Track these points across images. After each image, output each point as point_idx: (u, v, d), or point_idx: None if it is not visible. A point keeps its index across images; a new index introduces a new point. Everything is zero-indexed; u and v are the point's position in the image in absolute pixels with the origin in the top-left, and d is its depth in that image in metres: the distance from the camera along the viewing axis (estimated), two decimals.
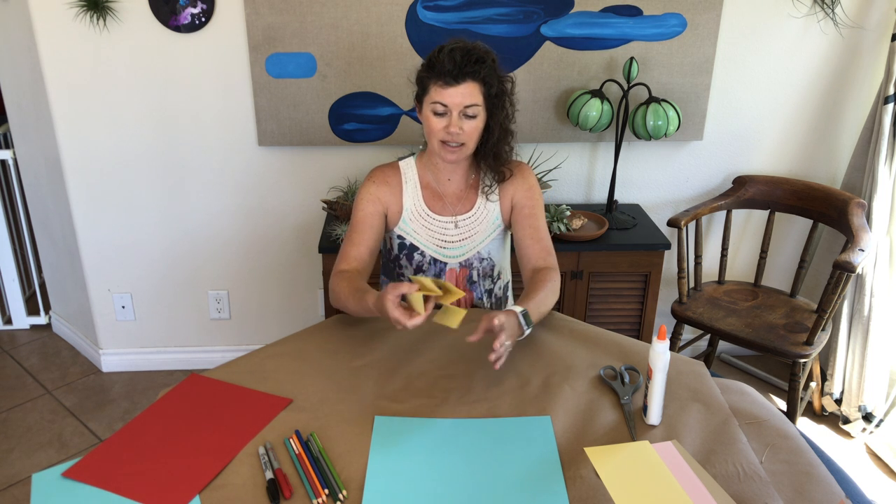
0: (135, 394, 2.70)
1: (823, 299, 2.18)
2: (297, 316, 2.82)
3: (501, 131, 1.68)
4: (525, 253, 1.72)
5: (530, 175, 1.78)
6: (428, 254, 1.77)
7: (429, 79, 1.60)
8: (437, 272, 1.79)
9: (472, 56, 1.57)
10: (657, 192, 2.67)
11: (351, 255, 1.67)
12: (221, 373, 1.48)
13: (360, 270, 1.65)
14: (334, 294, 1.63)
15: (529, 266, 1.71)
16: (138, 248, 2.66)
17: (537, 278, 1.64)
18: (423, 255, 1.77)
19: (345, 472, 1.21)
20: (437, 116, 1.61)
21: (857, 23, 2.43)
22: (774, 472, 1.23)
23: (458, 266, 1.79)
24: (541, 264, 1.69)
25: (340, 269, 1.65)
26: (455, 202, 1.77)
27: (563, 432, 1.31)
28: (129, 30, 2.34)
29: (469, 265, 1.79)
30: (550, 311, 1.74)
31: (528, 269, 1.71)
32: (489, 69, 1.59)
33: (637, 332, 2.47)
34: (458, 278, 1.80)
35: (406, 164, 1.77)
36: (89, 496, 1.16)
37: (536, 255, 1.71)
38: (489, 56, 1.60)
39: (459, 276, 1.80)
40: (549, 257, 1.71)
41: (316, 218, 2.65)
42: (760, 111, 2.56)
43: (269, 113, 2.43)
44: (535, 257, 1.71)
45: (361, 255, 1.68)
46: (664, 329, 1.30)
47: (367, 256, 1.69)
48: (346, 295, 1.57)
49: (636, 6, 2.35)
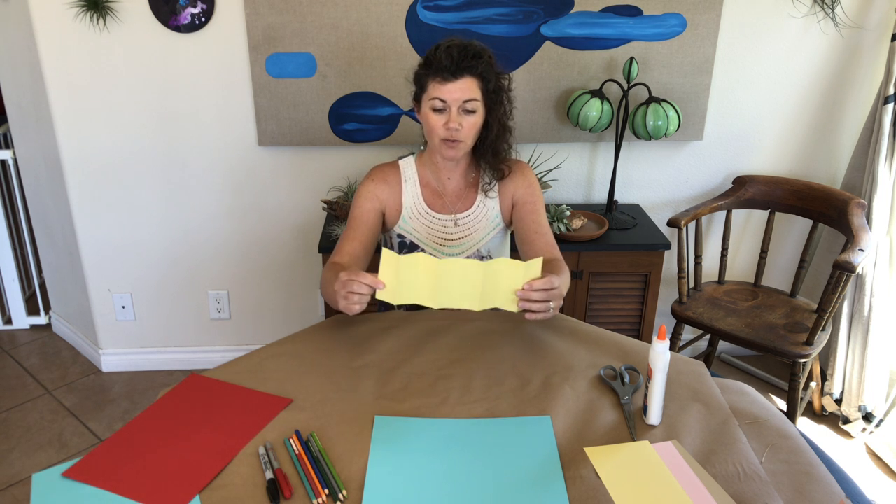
0: (135, 394, 2.70)
1: (823, 299, 2.18)
2: (297, 316, 2.82)
3: (500, 127, 1.69)
4: (530, 248, 1.72)
5: (530, 172, 1.78)
6: (428, 252, 1.77)
7: (427, 76, 1.61)
8: None
9: (470, 52, 1.58)
10: (657, 192, 2.67)
11: (344, 250, 1.68)
12: (221, 373, 1.48)
13: (351, 265, 1.66)
14: (322, 284, 1.65)
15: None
16: (138, 248, 2.66)
17: (551, 267, 1.63)
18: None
19: (345, 472, 1.21)
20: (436, 113, 1.62)
21: (857, 23, 2.43)
22: (774, 472, 1.23)
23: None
24: (548, 257, 1.69)
25: (333, 261, 1.67)
26: (455, 200, 1.77)
27: (563, 432, 1.31)
28: (129, 30, 2.34)
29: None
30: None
31: None
32: (486, 65, 1.61)
33: (637, 332, 2.47)
34: None
35: (406, 162, 1.78)
36: (89, 496, 1.16)
37: (542, 249, 1.71)
38: (486, 52, 1.62)
39: None
40: (554, 250, 1.71)
41: (316, 218, 2.65)
42: (760, 111, 2.56)
43: (269, 113, 2.43)
44: (540, 251, 1.71)
45: (355, 249, 1.69)
46: (664, 329, 1.30)
47: (361, 252, 1.70)
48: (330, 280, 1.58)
49: (636, 6, 2.35)
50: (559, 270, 1.60)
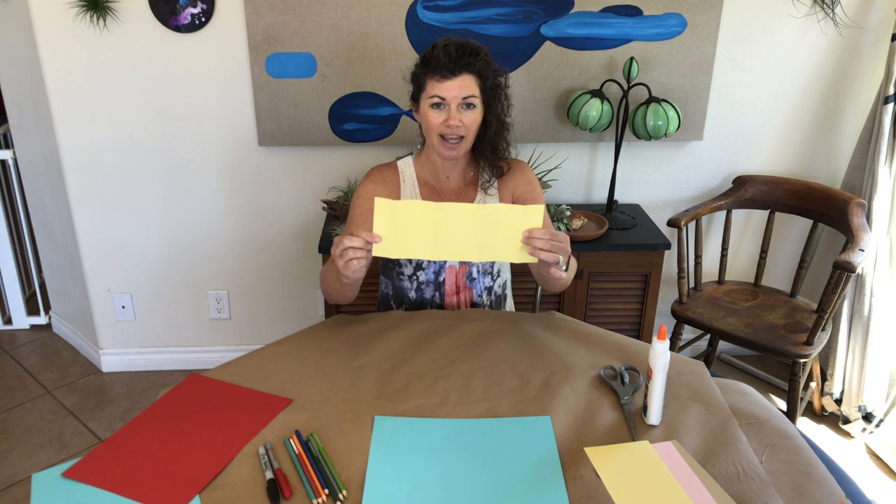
0: (135, 394, 2.70)
1: (823, 299, 2.18)
2: (297, 316, 2.82)
3: (498, 124, 1.70)
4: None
5: (529, 171, 1.79)
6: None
7: (425, 74, 1.62)
8: (436, 269, 1.79)
9: (467, 49, 1.60)
10: (657, 192, 2.67)
11: None
12: (221, 373, 1.48)
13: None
14: (323, 279, 1.66)
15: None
16: (138, 248, 2.66)
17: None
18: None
19: (345, 472, 1.21)
20: (435, 110, 1.62)
21: (857, 23, 2.43)
22: (774, 472, 1.23)
23: (457, 263, 1.79)
24: None
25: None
26: (453, 199, 1.77)
27: (563, 432, 1.31)
28: (129, 30, 2.34)
29: (469, 262, 1.80)
30: (550, 312, 1.74)
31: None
32: (483, 62, 1.62)
33: (637, 332, 2.47)
34: (458, 275, 1.80)
35: (404, 163, 1.78)
36: (89, 496, 1.16)
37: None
38: (482, 50, 1.63)
39: (459, 272, 1.80)
40: None
41: (316, 218, 2.65)
42: (760, 111, 2.56)
43: (269, 113, 2.43)
44: None
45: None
46: (664, 329, 1.30)
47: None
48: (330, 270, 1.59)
49: (636, 6, 2.35)
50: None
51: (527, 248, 1.40)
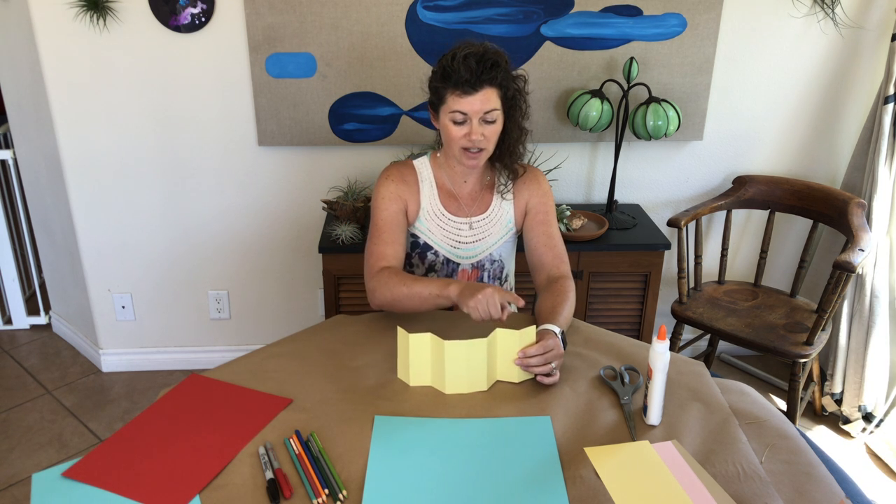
0: (135, 394, 2.70)
1: (823, 299, 2.18)
2: (297, 316, 2.82)
3: (518, 131, 1.69)
4: (539, 260, 1.74)
5: (544, 181, 1.79)
6: (441, 254, 1.78)
7: (445, 88, 1.59)
8: (448, 272, 1.80)
9: (488, 61, 1.56)
10: (657, 192, 2.67)
11: (388, 254, 1.67)
12: (221, 373, 1.48)
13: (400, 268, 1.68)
14: (384, 285, 1.61)
15: (543, 273, 1.73)
16: (138, 248, 2.66)
17: (556, 289, 1.64)
18: (437, 255, 1.78)
19: (345, 472, 1.21)
20: (456, 125, 1.61)
21: (857, 23, 2.43)
22: (774, 472, 1.23)
23: (469, 267, 1.80)
24: (555, 273, 1.71)
25: (381, 266, 1.65)
26: (470, 203, 1.78)
27: (563, 432, 1.31)
28: (129, 30, 2.34)
29: (481, 266, 1.81)
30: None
31: (542, 276, 1.73)
32: (504, 72, 1.59)
33: (637, 332, 2.47)
34: (469, 279, 1.81)
35: (420, 163, 1.77)
36: (89, 496, 1.16)
37: (550, 263, 1.72)
38: (502, 58, 1.60)
39: (471, 276, 1.81)
40: (562, 265, 1.73)
41: (316, 218, 2.65)
42: (760, 111, 2.56)
43: (269, 113, 2.43)
44: (549, 265, 1.72)
45: (398, 253, 1.69)
46: (664, 329, 1.30)
47: (402, 255, 1.71)
48: (406, 280, 1.58)
49: (636, 6, 2.35)
50: (562, 300, 1.60)
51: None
